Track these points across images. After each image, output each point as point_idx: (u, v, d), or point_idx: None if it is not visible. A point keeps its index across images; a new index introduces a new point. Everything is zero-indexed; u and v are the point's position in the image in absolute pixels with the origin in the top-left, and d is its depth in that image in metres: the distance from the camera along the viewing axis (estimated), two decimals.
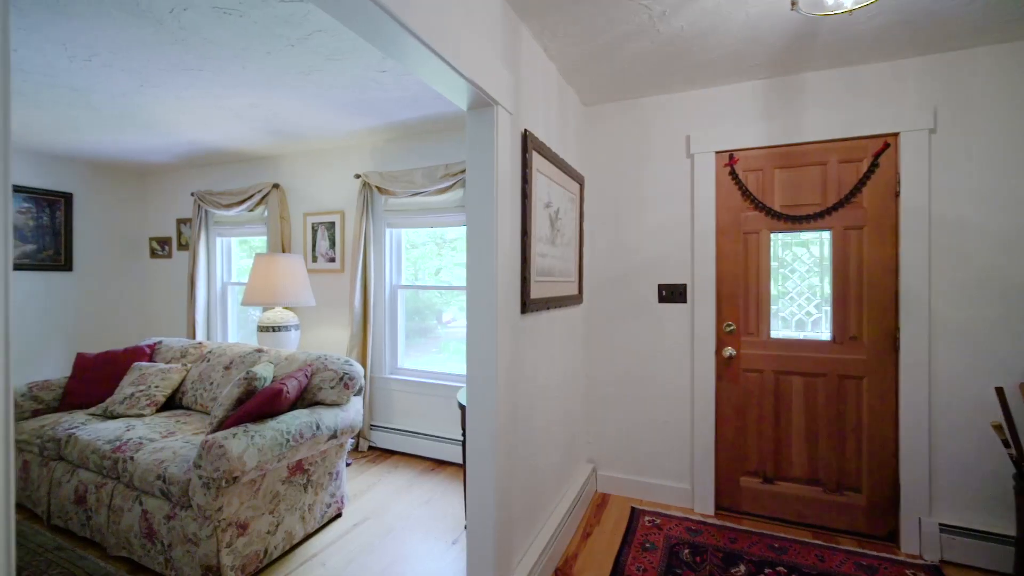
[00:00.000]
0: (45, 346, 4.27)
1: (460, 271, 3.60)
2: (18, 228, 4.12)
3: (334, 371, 2.55)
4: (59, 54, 2.23)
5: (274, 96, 2.73)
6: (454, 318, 3.66)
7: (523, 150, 1.95)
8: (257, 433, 2.05)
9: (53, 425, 2.62)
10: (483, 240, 1.73)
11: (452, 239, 3.66)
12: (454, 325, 3.69)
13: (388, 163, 3.62)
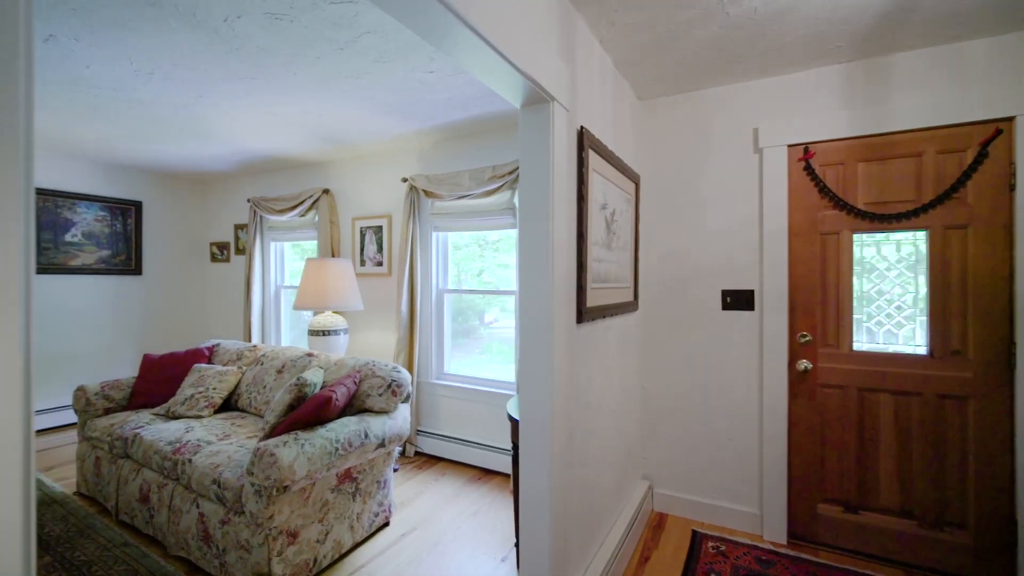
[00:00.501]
0: (117, 346, 4.54)
1: (502, 272, 3.52)
2: (95, 235, 4.40)
3: (382, 378, 2.52)
4: (126, 68, 2.31)
5: (324, 102, 2.73)
6: (496, 318, 3.58)
7: (579, 148, 1.83)
8: (307, 441, 2.03)
9: (121, 424, 2.74)
10: (537, 246, 1.62)
11: (495, 240, 3.58)
12: (496, 325, 3.61)
13: (435, 166, 3.58)
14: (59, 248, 4.17)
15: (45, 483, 3.08)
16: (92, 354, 4.36)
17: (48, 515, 2.67)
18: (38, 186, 4.03)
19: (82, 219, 4.32)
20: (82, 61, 2.24)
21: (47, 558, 2.28)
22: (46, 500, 2.84)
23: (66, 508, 2.76)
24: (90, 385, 3.00)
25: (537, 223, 1.61)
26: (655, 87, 2.56)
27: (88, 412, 2.95)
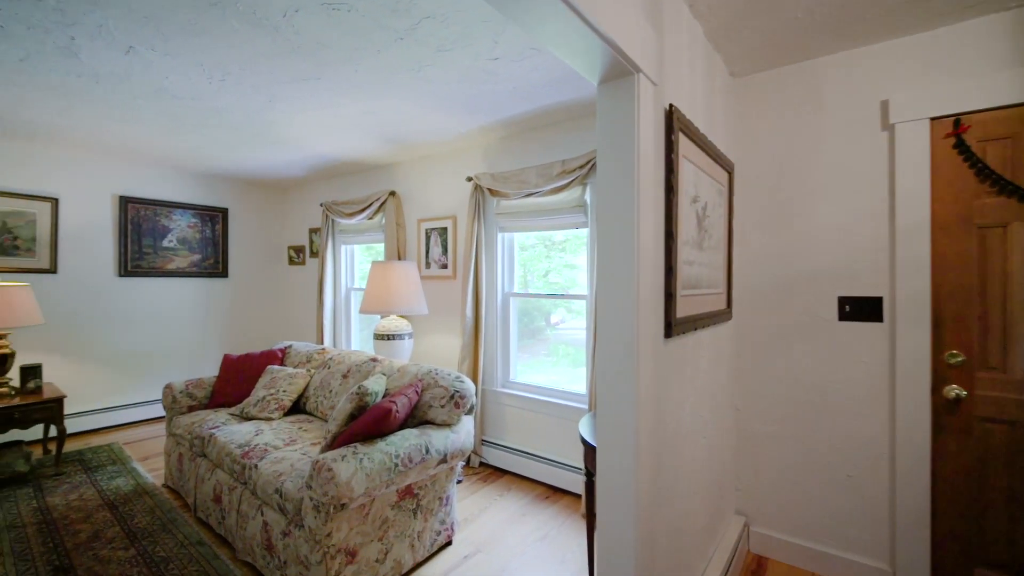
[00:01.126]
0: (206, 345, 4.84)
1: (569, 273, 3.28)
2: (187, 240, 4.71)
3: (444, 388, 2.37)
4: (200, 75, 2.35)
5: (386, 99, 2.64)
6: (563, 319, 3.36)
7: (667, 131, 1.55)
8: (366, 456, 1.92)
9: (200, 423, 2.83)
10: (619, 246, 1.36)
11: (561, 240, 3.35)
12: (563, 327, 3.38)
13: (500, 163, 3.41)
14: (158, 253, 4.51)
15: (139, 473, 3.29)
16: (183, 352, 4.68)
17: (139, 506, 2.81)
18: (142, 196, 4.38)
19: (177, 225, 4.64)
20: (161, 72, 2.30)
21: (132, 551, 2.37)
22: (138, 491, 3.01)
23: (154, 500, 2.90)
24: (176, 383, 3.15)
25: (619, 220, 1.36)
26: (752, 59, 2.20)
27: (174, 409, 3.10)
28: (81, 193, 4.06)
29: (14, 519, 2.67)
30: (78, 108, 2.85)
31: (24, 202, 3.78)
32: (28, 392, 3.30)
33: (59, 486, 3.07)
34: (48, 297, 3.89)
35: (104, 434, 4.07)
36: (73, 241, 4.03)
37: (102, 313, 4.17)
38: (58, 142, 3.67)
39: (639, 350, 1.34)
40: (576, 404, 3.00)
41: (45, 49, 2.09)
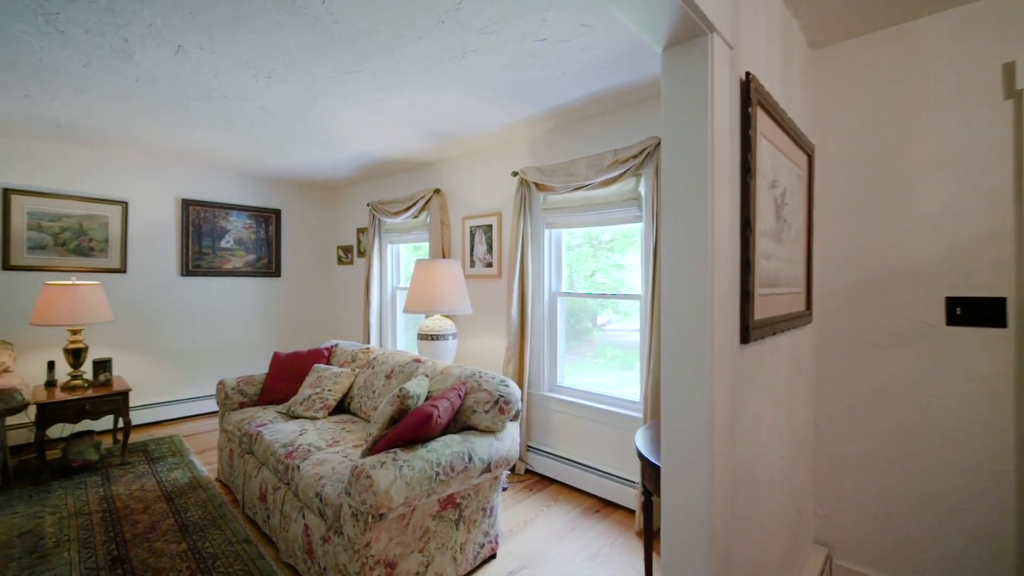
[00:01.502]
0: (259, 343, 4.99)
1: (616, 273, 3.08)
2: (243, 241, 4.87)
3: (488, 392, 2.25)
4: (246, 74, 2.35)
5: (429, 90, 2.55)
6: (609, 320, 3.18)
7: (743, 103, 1.33)
8: (406, 463, 1.82)
9: (250, 420, 2.86)
10: (690, 238, 1.17)
11: (608, 240, 3.17)
12: (610, 328, 3.20)
13: (547, 156, 3.25)
14: (216, 253, 4.69)
15: (196, 466, 3.39)
16: (238, 348, 4.85)
17: (192, 499, 2.88)
18: (202, 199, 4.57)
19: (234, 227, 4.81)
20: (210, 71, 2.32)
21: (183, 545, 2.40)
22: (193, 484, 3.09)
23: (207, 493, 2.96)
24: (228, 380, 3.21)
25: (690, 206, 1.17)
26: (837, 26, 1.92)
27: (226, 405, 3.16)
28: (148, 196, 4.27)
29: (83, 506, 2.79)
30: (140, 113, 2.96)
31: (98, 206, 4.01)
32: (99, 385, 3.48)
33: (124, 475, 3.22)
34: (118, 295, 4.12)
35: (167, 426, 4.26)
36: (141, 242, 4.25)
37: (165, 311, 4.38)
38: (126, 147, 3.87)
39: (714, 358, 1.14)
40: (629, 412, 2.78)
41: (103, 53, 2.14)
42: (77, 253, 3.94)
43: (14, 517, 2.66)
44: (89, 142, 3.68)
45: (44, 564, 2.23)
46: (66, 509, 2.75)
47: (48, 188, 3.79)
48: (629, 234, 3.11)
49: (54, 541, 2.42)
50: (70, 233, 3.90)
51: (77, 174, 3.91)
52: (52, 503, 2.82)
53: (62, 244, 3.87)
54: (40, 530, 2.53)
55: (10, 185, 3.64)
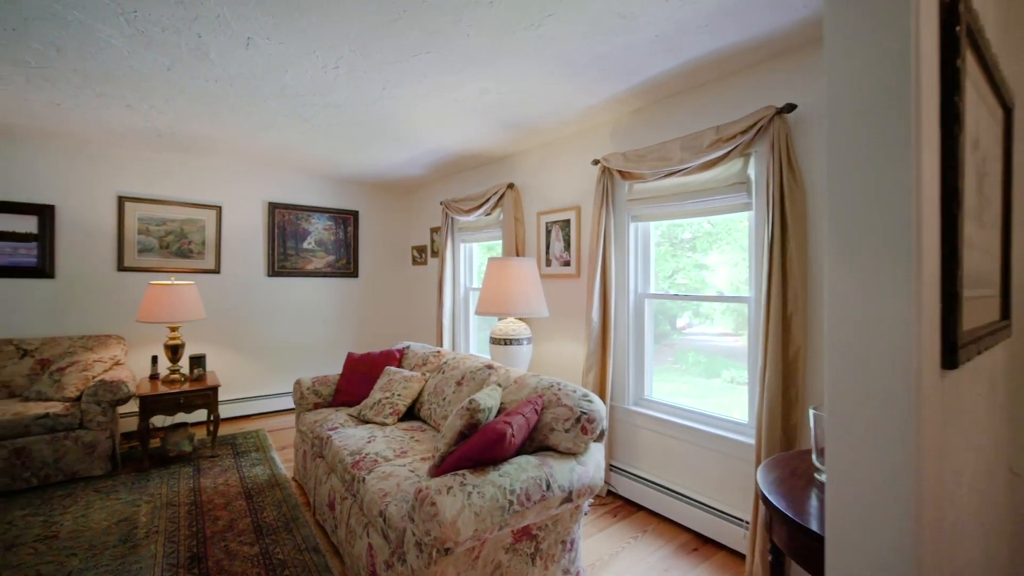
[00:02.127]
0: (337, 342, 5.09)
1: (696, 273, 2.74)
2: (324, 242, 5.00)
3: (569, 408, 1.96)
4: (314, 65, 2.26)
5: (503, 70, 2.32)
6: (690, 323, 2.84)
7: (946, 21, 0.93)
8: (475, 489, 1.59)
9: (322, 422, 2.81)
10: (877, 219, 0.80)
11: (689, 238, 2.80)
12: (690, 332, 2.85)
13: (633, 140, 2.89)
14: (299, 254, 4.84)
15: (276, 462, 3.44)
16: (318, 347, 4.97)
17: (269, 498, 2.89)
18: (286, 202, 4.73)
19: (315, 228, 4.94)
20: (280, 65, 2.26)
21: (256, 548, 2.37)
22: (271, 481, 3.12)
23: (283, 492, 2.96)
24: (304, 379, 3.21)
25: (879, 170, 0.80)
26: None
27: (302, 405, 3.16)
28: (239, 200, 4.49)
29: (174, 496, 2.90)
30: (223, 117, 3.03)
31: (196, 210, 4.27)
32: (194, 379, 3.67)
33: (212, 468, 3.33)
34: (212, 294, 4.36)
35: (254, 420, 4.45)
36: (233, 244, 4.47)
37: (253, 309, 4.58)
38: (218, 154, 4.07)
39: (918, 389, 0.77)
40: (736, 436, 2.35)
41: (182, 53, 2.15)
42: (178, 255, 4.21)
43: (116, 503, 2.81)
44: (186, 150, 3.91)
45: (133, 556, 2.29)
46: (160, 499, 2.87)
47: (154, 195, 4.09)
48: (714, 231, 2.75)
49: (144, 532, 2.50)
50: (173, 236, 4.18)
51: (177, 181, 4.18)
52: (149, 491, 2.96)
53: (166, 247, 4.16)
54: (135, 518, 2.64)
55: (124, 193, 3.96)
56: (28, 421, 2.94)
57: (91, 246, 3.86)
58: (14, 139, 3.55)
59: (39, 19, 1.89)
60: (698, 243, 2.85)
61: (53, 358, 3.48)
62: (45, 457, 2.99)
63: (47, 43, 2.07)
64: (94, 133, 3.42)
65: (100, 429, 3.15)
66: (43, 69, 2.34)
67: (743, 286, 2.55)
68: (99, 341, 3.67)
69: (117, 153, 3.91)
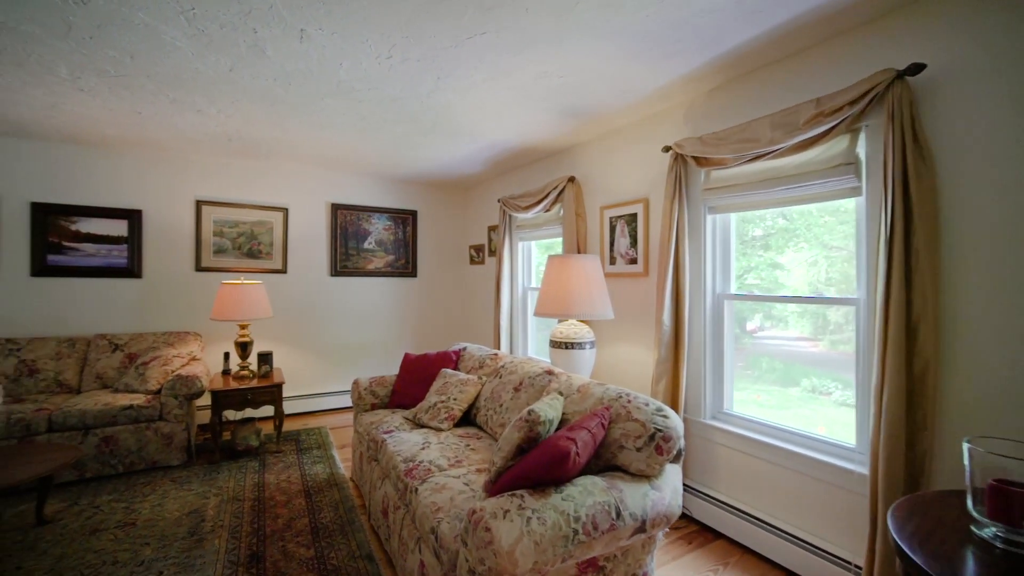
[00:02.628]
0: (395, 342, 5.11)
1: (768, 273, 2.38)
2: (383, 242, 5.03)
3: (640, 423, 1.72)
4: (368, 55, 2.18)
5: (564, 49, 2.12)
6: (761, 326, 2.54)
7: None
8: (535, 515, 1.40)
9: (378, 424, 2.75)
10: None
11: (760, 236, 2.50)
12: (761, 336, 2.54)
13: (710, 122, 2.58)
14: (360, 254, 4.90)
15: (336, 461, 3.45)
16: (377, 347, 5.01)
17: (327, 498, 2.87)
18: (348, 203, 4.81)
19: (375, 228, 4.99)
20: (334, 57, 2.20)
21: (311, 551, 2.33)
22: (330, 481, 3.12)
23: (341, 493, 2.94)
24: (362, 379, 3.19)
25: None
26: None
27: (359, 405, 3.13)
28: (304, 202, 4.61)
29: (240, 491, 2.97)
30: (285, 118, 3.07)
31: (265, 212, 4.43)
32: (261, 376, 3.78)
33: (276, 464, 3.40)
34: (279, 294, 4.50)
35: (318, 417, 4.54)
36: (298, 245, 4.60)
37: (316, 308, 4.68)
38: (284, 157, 4.18)
39: None
40: (841, 462, 1.99)
41: (241, 52, 2.15)
42: (249, 256, 4.38)
43: (189, 494, 2.92)
44: (255, 154, 4.05)
45: (198, 550, 2.33)
46: (227, 492, 2.94)
47: (227, 198, 4.28)
48: (790, 227, 2.45)
49: (211, 526, 2.55)
50: (244, 238, 4.36)
51: (248, 184, 4.35)
52: (218, 484, 3.05)
53: (238, 248, 4.34)
54: (204, 511, 2.71)
55: (201, 197, 4.18)
56: (115, 411, 3.13)
57: (172, 248, 4.10)
58: (107, 149, 3.83)
59: (110, 24, 1.93)
60: (772, 240, 2.53)
61: (139, 352, 3.71)
62: (130, 446, 3.17)
63: (121, 50, 2.14)
64: (173, 140, 3.60)
65: (177, 421, 3.30)
66: (121, 77, 2.44)
67: (822, 287, 2.27)
68: (179, 337, 3.87)
69: (194, 159, 4.13)
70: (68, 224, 3.77)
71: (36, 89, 2.62)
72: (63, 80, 2.49)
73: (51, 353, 3.52)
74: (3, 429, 2.86)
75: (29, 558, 2.26)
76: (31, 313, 3.67)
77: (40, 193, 3.68)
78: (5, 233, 3.59)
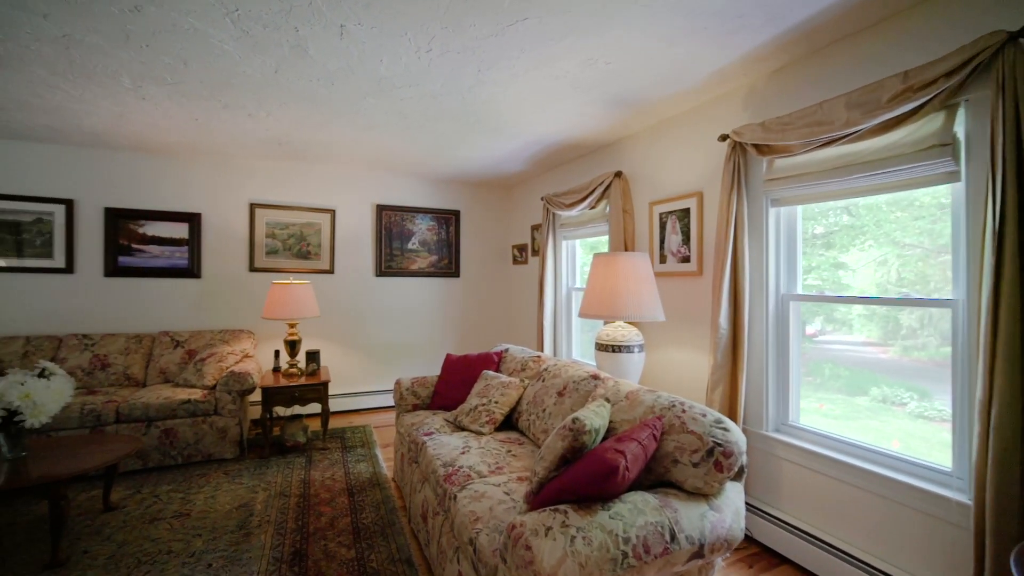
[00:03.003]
0: (438, 342, 5.11)
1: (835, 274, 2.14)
2: (427, 242, 5.04)
3: (697, 436, 1.57)
4: (408, 50, 2.14)
5: (612, 32, 1.98)
6: (821, 330, 2.33)
7: None
8: (580, 533, 1.29)
9: (418, 425, 2.71)
10: None
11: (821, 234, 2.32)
12: (822, 340, 2.32)
13: (773, 107, 2.36)
14: (404, 255, 4.94)
15: (379, 460, 3.46)
16: (420, 347, 5.03)
17: (369, 498, 2.87)
18: (393, 203, 4.85)
19: (418, 229, 5.01)
20: (374, 53, 2.17)
21: (352, 552, 2.32)
22: (373, 480, 3.12)
23: (383, 494, 2.92)
24: (404, 380, 3.17)
25: None
26: None
27: (401, 405, 3.11)
28: (350, 204, 4.69)
29: (287, 486, 3.02)
30: (329, 120, 3.10)
31: (314, 214, 4.54)
32: (309, 374, 3.86)
33: (322, 460, 3.45)
34: (326, 293, 4.60)
35: (363, 415, 4.60)
36: (345, 245, 4.69)
37: (361, 308, 4.75)
38: (330, 160, 4.27)
39: None
40: (935, 488, 1.73)
41: (284, 52, 2.16)
42: (299, 256, 4.51)
43: (239, 487, 3.00)
44: (303, 157, 4.15)
45: (245, 544, 2.37)
46: (275, 487, 3.00)
47: (278, 201, 4.42)
48: (857, 223, 2.25)
49: (258, 521, 2.60)
50: (294, 239, 4.48)
51: (297, 187, 4.48)
52: (267, 479, 3.12)
53: (288, 249, 4.47)
54: (252, 505, 2.77)
55: (254, 200, 4.33)
56: (175, 405, 3.27)
57: (228, 249, 4.27)
58: (170, 156, 4.05)
59: (164, 31, 1.99)
60: (835, 239, 2.29)
61: (197, 349, 3.89)
62: (188, 438, 3.30)
63: (175, 56, 2.21)
64: (228, 145, 3.75)
65: (230, 416, 3.42)
66: (177, 84, 2.53)
67: (892, 287, 2.06)
68: (233, 335, 4.03)
69: (247, 163, 4.29)
70: (136, 227, 4.01)
71: (104, 100, 2.77)
72: (127, 89, 2.62)
73: (121, 348, 3.74)
74: (77, 419, 3.06)
75: (95, 542, 2.37)
76: (104, 311, 3.93)
77: (112, 199, 3.93)
78: (82, 237, 3.86)
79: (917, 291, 1.95)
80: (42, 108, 2.92)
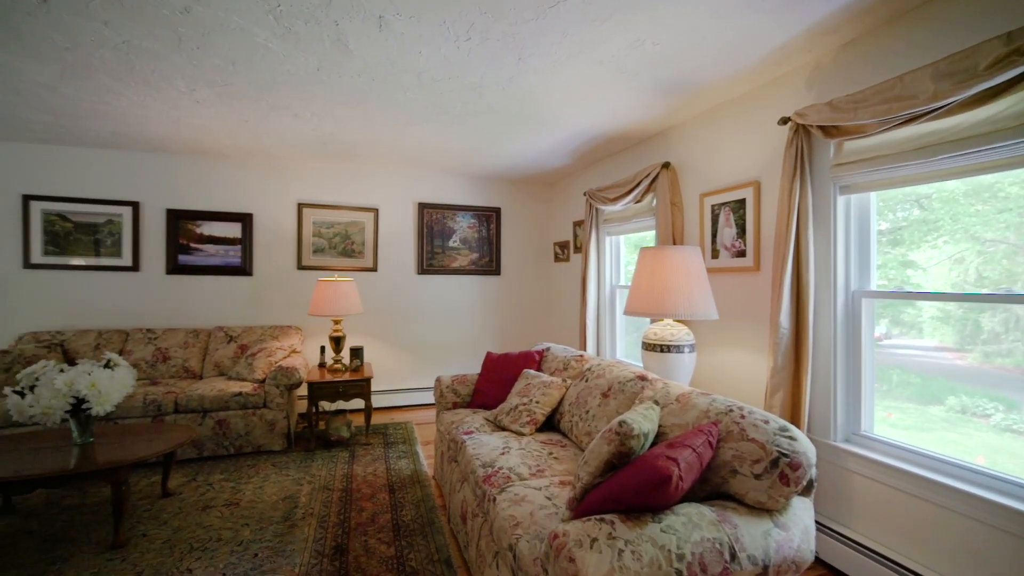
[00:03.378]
0: (479, 340, 5.08)
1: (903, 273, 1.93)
2: (468, 240, 5.03)
3: (759, 444, 1.42)
4: (446, 39, 2.09)
5: (661, 8, 1.85)
6: (887, 333, 2.12)
7: None
8: (629, 547, 1.18)
9: (458, 424, 2.67)
10: None
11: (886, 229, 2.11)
12: (889, 344, 2.11)
13: (841, 84, 2.15)
14: (445, 252, 4.94)
15: (419, 457, 3.46)
16: (461, 344, 5.01)
17: (409, 496, 2.86)
18: (433, 202, 4.87)
19: (459, 227, 5.00)
20: (414, 46, 2.14)
21: (392, 549, 2.30)
22: (414, 477, 3.11)
23: (423, 492, 2.91)
24: (444, 377, 3.14)
25: None
26: None
27: (441, 403, 3.09)
28: (392, 202, 4.74)
29: (331, 480, 3.06)
30: (372, 118, 3.12)
31: (357, 213, 4.62)
32: (353, 370, 3.92)
33: (365, 456, 3.49)
34: (370, 291, 4.67)
35: (404, 411, 4.64)
36: (388, 243, 4.74)
37: (404, 305, 4.79)
38: (373, 159, 4.32)
39: None
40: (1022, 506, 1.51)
41: (325, 47, 2.17)
42: (343, 254, 4.60)
43: (286, 479, 3.07)
44: (348, 157, 4.22)
45: (290, 536, 2.40)
46: (319, 481, 3.05)
47: (324, 200, 4.52)
48: (929, 218, 2.04)
49: (302, 513, 2.64)
50: (339, 238, 4.58)
51: (342, 186, 4.57)
52: (312, 472, 3.18)
53: (334, 247, 4.57)
54: (297, 497, 2.82)
55: (302, 200, 4.46)
56: (227, 397, 3.40)
57: (278, 247, 4.41)
58: (224, 158, 4.22)
59: (213, 32, 2.04)
60: (904, 234, 2.07)
61: (249, 344, 4.03)
62: (239, 429, 3.42)
63: (224, 57, 2.27)
64: (276, 147, 3.86)
65: (278, 409, 3.51)
66: (227, 86, 2.61)
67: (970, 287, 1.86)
68: (282, 331, 4.15)
69: (294, 164, 4.42)
70: (194, 227, 4.21)
71: (162, 104, 2.90)
72: (182, 93, 2.72)
73: (180, 342, 3.94)
74: (140, 408, 3.23)
75: (152, 526, 2.48)
76: (165, 306, 4.15)
77: (172, 200, 4.14)
78: (146, 237, 4.10)
79: (1003, 290, 1.71)
80: (108, 115, 3.09)
